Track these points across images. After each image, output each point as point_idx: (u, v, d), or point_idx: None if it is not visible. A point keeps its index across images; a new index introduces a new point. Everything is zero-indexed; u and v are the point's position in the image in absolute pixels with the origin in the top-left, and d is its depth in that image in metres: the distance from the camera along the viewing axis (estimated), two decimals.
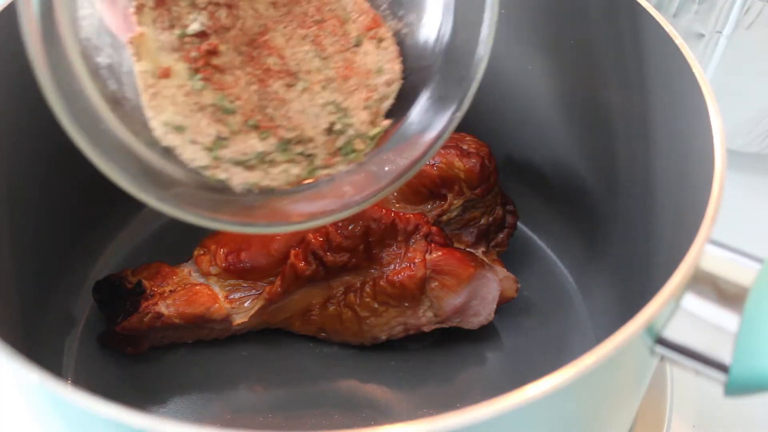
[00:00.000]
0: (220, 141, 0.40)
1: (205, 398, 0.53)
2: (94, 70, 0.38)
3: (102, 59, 0.39)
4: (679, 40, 0.44)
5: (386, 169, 0.42)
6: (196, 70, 0.39)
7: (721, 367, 0.35)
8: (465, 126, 0.43)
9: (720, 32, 0.61)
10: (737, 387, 0.35)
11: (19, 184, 0.50)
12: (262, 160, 0.40)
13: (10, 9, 0.46)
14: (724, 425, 0.54)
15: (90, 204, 0.58)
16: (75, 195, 0.56)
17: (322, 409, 0.52)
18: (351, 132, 0.42)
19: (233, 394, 0.53)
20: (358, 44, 0.43)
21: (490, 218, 0.56)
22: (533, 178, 0.62)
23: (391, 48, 0.44)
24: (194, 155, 0.39)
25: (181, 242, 0.56)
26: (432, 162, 0.53)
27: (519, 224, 0.59)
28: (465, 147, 0.54)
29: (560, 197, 0.61)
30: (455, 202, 0.54)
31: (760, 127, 0.66)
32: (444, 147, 0.51)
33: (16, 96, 0.48)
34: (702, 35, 0.62)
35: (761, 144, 0.68)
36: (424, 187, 0.53)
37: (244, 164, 0.40)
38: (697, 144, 0.41)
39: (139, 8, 0.38)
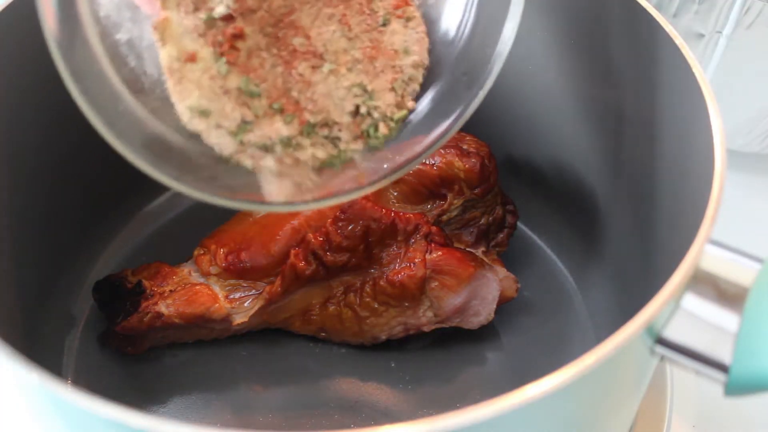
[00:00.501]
0: (245, 125, 0.39)
1: (205, 398, 0.53)
2: (113, 48, 0.38)
3: (121, 35, 0.39)
4: (679, 40, 0.44)
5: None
6: (221, 54, 0.39)
7: (721, 367, 0.35)
8: (465, 125, 0.43)
9: (720, 32, 0.61)
10: (737, 387, 0.35)
11: (20, 185, 0.50)
12: (288, 144, 0.40)
13: (11, 9, 0.46)
14: (724, 425, 0.54)
15: (90, 204, 0.58)
16: (75, 195, 0.56)
17: (322, 409, 0.52)
18: (376, 115, 0.42)
19: (233, 394, 0.53)
20: (385, 23, 0.42)
21: (490, 218, 0.56)
22: (533, 178, 0.62)
23: (419, 28, 0.43)
24: (219, 140, 0.39)
25: (181, 242, 0.56)
26: (432, 162, 0.53)
27: (519, 224, 0.59)
28: (465, 147, 0.54)
29: (560, 197, 0.60)
30: (455, 201, 0.54)
31: (760, 127, 0.66)
32: (444, 147, 0.51)
33: (18, 95, 0.48)
34: (702, 35, 0.62)
35: (761, 144, 0.68)
36: (424, 187, 0.53)
37: (269, 149, 0.40)
38: (697, 144, 0.41)
39: None
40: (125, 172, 0.41)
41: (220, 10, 0.38)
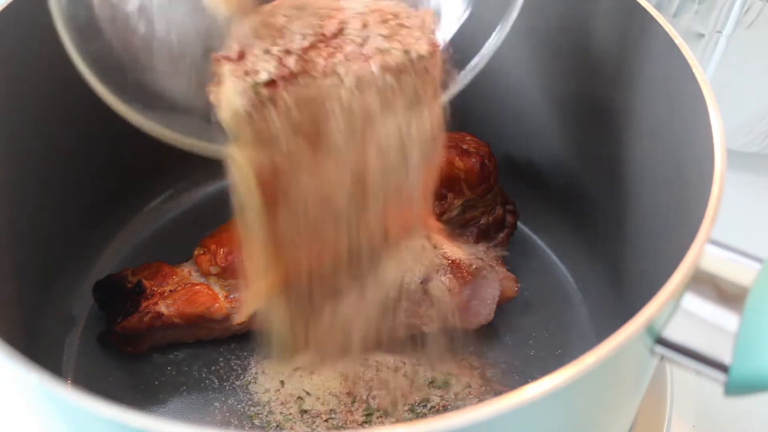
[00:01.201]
0: None
1: (205, 398, 0.53)
2: (124, 21, 0.39)
3: (131, 5, 0.40)
4: (679, 40, 0.44)
5: None
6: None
7: (721, 367, 0.35)
8: (465, 126, 0.43)
9: (720, 32, 0.61)
10: (737, 387, 0.35)
11: (20, 185, 0.50)
12: None
13: (11, 9, 0.46)
14: (724, 425, 0.54)
15: (90, 204, 0.58)
16: (75, 195, 0.56)
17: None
18: None
19: (233, 394, 0.53)
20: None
21: (490, 218, 0.56)
22: (533, 178, 0.62)
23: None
24: None
25: (181, 242, 0.56)
26: None
27: (519, 224, 0.59)
28: (465, 147, 0.54)
29: (560, 197, 0.61)
30: (455, 201, 0.54)
31: (760, 127, 0.66)
32: (444, 146, 0.51)
33: (19, 94, 0.48)
34: (702, 35, 0.62)
35: (761, 144, 0.68)
36: None
37: None
38: (697, 144, 0.41)
39: (218, 60, 0.39)
40: (125, 172, 0.41)
41: (263, 76, 0.39)
